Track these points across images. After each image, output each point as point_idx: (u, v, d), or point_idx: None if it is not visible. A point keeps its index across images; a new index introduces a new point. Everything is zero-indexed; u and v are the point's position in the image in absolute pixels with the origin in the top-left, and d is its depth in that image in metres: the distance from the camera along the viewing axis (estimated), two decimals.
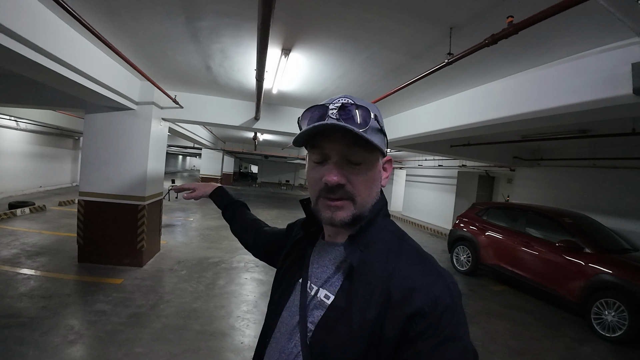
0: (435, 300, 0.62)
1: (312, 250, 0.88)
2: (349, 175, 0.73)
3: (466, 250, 6.86)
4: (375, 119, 0.73)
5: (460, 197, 11.78)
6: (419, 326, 0.61)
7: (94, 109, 5.01)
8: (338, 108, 0.71)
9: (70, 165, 14.16)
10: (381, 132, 0.77)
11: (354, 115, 0.70)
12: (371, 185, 0.76)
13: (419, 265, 0.70)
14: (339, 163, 0.73)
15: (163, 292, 4.48)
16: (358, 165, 0.73)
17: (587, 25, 2.44)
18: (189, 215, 10.55)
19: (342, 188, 0.73)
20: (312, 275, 0.82)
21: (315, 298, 0.77)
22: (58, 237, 6.51)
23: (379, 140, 0.74)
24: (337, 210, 0.74)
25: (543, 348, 4.02)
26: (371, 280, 0.69)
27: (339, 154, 0.72)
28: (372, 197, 0.78)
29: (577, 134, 5.86)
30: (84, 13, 2.73)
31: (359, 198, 0.74)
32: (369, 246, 0.74)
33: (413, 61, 3.37)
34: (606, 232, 5.78)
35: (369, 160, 0.74)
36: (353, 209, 0.74)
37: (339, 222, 0.74)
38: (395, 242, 0.75)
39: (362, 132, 0.68)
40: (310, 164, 0.79)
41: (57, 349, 3.00)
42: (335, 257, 0.80)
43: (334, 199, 0.73)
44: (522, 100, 3.40)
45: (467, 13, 2.40)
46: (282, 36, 3.08)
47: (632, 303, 4.20)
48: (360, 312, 0.66)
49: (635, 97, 2.43)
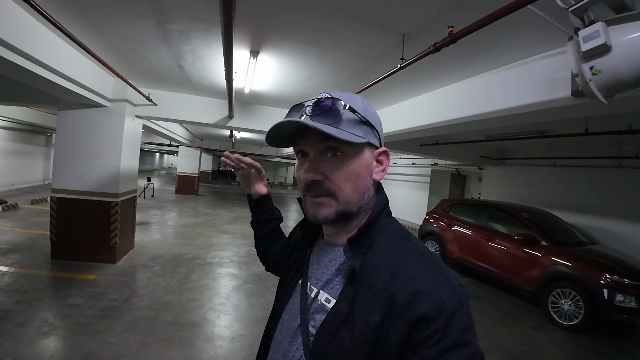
0: (441, 305, 0.60)
1: (311, 251, 0.87)
2: (326, 171, 0.71)
3: (434, 244, 7.18)
4: (350, 110, 0.71)
5: (434, 194, 12.17)
6: (424, 332, 0.59)
7: (67, 106, 5.01)
8: (313, 104, 0.70)
9: (43, 163, 13.83)
10: (364, 122, 0.73)
11: (327, 110, 0.69)
12: (355, 180, 0.72)
13: (424, 267, 0.67)
14: (314, 159, 0.72)
15: (136, 286, 4.55)
16: (335, 158, 0.71)
17: (527, 34, 2.68)
18: (165, 213, 10.52)
19: (321, 185, 0.72)
20: (311, 276, 0.81)
21: (316, 301, 0.75)
22: (31, 234, 6.46)
23: (360, 131, 0.72)
24: (319, 207, 0.73)
25: (500, 334, 4.24)
26: (374, 284, 0.66)
27: (314, 150, 0.72)
28: (359, 192, 0.74)
29: (536, 134, 6.20)
30: (58, 14, 2.83)
31: (340, 194, 0.71)
32: (372, 248, 0.72)
33: (374, 65, 3.59)
34: (564, 227, 6.11)
35: (348, 153, 0.71)
36: (336, 205, 0.72)
37: (322, 220, 0.73)
38: (399, 243, 0.73)
39: (332, 127, 0.68)
40: (297, 162, 0.79)
41: (32, 339, 3.08)
42: (335, 258, 0.78)
43: (314, 195, 0.73)
44: (472, 102, 3.68)
45: (415, 23, 2.63)
46: (249, 39, 3.24)
47: (586, 293, 4.42)
48: (364, 317, 0.64)
49: (573, 99, 2.64)
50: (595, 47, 1.85)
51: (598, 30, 1.83)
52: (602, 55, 1.87)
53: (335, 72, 3.97)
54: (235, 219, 10.55)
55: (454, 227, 6.85)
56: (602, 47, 1.83)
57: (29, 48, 3.01)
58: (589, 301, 4.39)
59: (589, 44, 1.87)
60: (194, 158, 16.60)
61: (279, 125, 0.70)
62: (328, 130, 0.66)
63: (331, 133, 0.66)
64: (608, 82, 1.91)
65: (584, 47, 1.89)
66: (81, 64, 4.08)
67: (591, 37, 1.86)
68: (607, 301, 4.22)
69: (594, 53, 1.88)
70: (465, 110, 3.79)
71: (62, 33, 2.84)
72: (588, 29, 1.88)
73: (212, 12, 2.70)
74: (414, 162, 12.26)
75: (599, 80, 1.93)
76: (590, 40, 1.86)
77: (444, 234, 6.96)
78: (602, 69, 1.90)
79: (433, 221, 7.41)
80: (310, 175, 0.72)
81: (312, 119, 0.69)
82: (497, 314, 4.91)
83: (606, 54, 1.86)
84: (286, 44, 3.30)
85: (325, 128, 0.66)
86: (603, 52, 1.86)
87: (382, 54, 3.29)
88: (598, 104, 2.04)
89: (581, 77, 2.00)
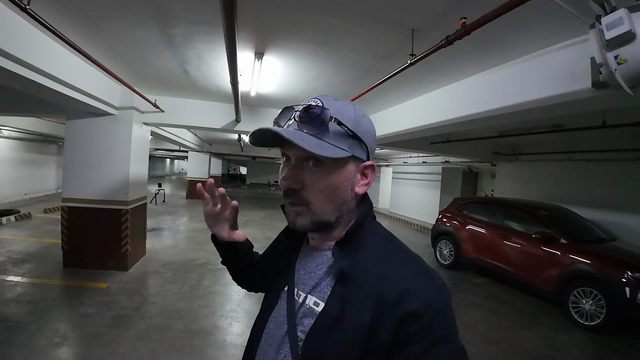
0: (427, 302, 0.62)
1: (297, 257, 0.86)
2: (305, 180, 0.71)
3: (448, 244, 7.02)
4: (336, 122, 0.69)
5: (445, 192, 11.98)
6: (411, 328, 0.60)
7: (74, 115, 5.04)
8: (302, 109, 0.70)
9: (55, 172, 14.01)
10: (350, 136, 0.71)
11: (315, 118, 0.68)
12: (332, 192, 0.72)
13: (410, 267, 0.69)
14: (295, 166, 0.72)
15: (147, 294, 4.54)
16: (316, 169, 0.71)
17: (543, 23, 2.55)
18: (176, 219, 10.57)
19: (297, 193, 0.72)
20: (298, 282, 0.80)
21: (304, 305, 0.75)
22: (43, 243, 6.51)
23: (345, 144, 0.71)
24: (297, 215, 0.73)
25: (519, 337, 4.12)
26: (363, 285, 0.67)
27: (296, 158, 0.72)
28: (334, 204, 0.73)
29: (551, 129, 6.03)
30: (59, 23, 2.81)
31: (313, 206, 0.72)
32: (359, 250, 0.72)
33: (382, 62, 3.49)
34: (582, 223, 5.93)
35: (329, 166, 0.70)
36: (310, 215, 0.72)
37: (300, 227, 0.74)
38: (385, 245, 0.74)
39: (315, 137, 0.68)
40: (282, 164, 0.78)
41: (43, 350, 3.07)
42: (322, 262, 0.78)
43: (291, 202, 0.74)
44: (486, 98, 3.55)
45: (425, 16, 2.53)
46: (253, 41, 3.18)
47: (608, 291, 4.28)
48: (354, 318, 0.64)
49: (594, 91, 2.51)
50: (620, 35, 1.75)
51: (622, 17, 1.74)
52: (628, 43, 1.78)
53: (343, 71, 3.88)
54: (246, 222, 10.54)
55: (468, 226, 6.69)
56: (626, 34, 1.74)
57: (32, 59, 2.99)
58: (611, 300, 4.26)
59: (612, 32, 1.77)
60: (203, 163, 16.70)
61: (261, 131, 0.69)
62: (306, 146, 0.65)
63: (309, 149, 0.65)
64: (634, 72, 1.81)
65: (607, 35, 1.79)
66: (87, 72, 4.07)
67: (615, 25, 1.76)
68: (630, 299, 4.08)
69: (619, 41, 1.78)
70: (479, 106, 3.66)
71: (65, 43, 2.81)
72: (611, 16, 1.78)
73: (214, 14, 2.63)
74: (425, 160, 12.09)
75: (625, 69, 1.82)
76: (613, 27, 1.77)
77: (458, 234, 6.80)
78: (628, 58, 1.79)
79: (446, 220, 7.25)
80: (288, 182, 0.72)
81: (299, 125, 0.70)
82: (515, 315, 4.79)
83: (631, 42, 1.76)
84: (291, 44, 3.22)
85: (304, 142, 0.66)
86: (628, 40, 1.76)
87: (391, 51, 3.19)
88: (623, 94, 1.93)
89: (606, 67, 1.90)
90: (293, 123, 0.71)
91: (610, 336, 4.28)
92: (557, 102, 2.93)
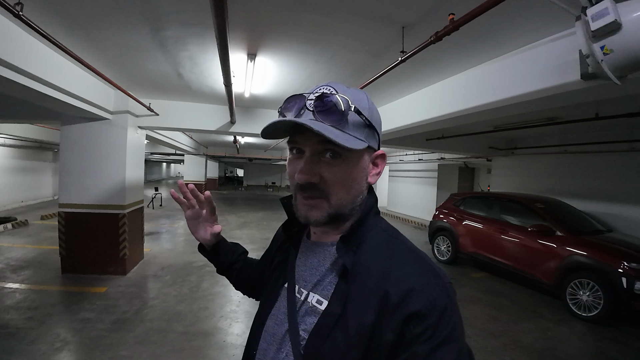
0: (433, 302, 0.60)
1: (296, 252, 0.83)
2: (323, 173, 0.68)
3: (446, 240, 7.05)
4: (356, 111, 0.67)
5: (442, 189, 12.01)
6: (416, 328, 0.59)
7: (69, 121, 5.03)
8: (315, 98, 0.66)
9: (51, 178, 13.95)
10: (367, 126, 0.70)
11: (331, 107, 0.65)
12: (350, 184, 0.70)
13: (415, 264, 0.66)
14: (311, 159, 0.68)
15: (147, 297, 4.54)
16: (334, 161, 0.68)
17: (532, 17, 2.57)
18: (174, 222, 10.55)
19: (315, 186, 0.68)
20: (299, 278, 0.77)
21: (306, 303, 0.72)
22: (41, 250, 6.49)
23: (362, 134, 0.69)
24: (311, 209, 0.70)
25: (519, 330, 4.14)
26: (366, 283, 0.65)
27: (311, 150, 0.68)
28: (352, 196, 0.71)
29: (545, 122, 6.05)
30: (52, 29, 2.80)
31: (333, 198, 0.69)
32: (361, 246, 0.70)
33: (374, 60, 3.51)
34: (578, 215, 5.97)
35: (347, 157, 0.68)
36: (328, 208, 0.69)
37: (314, 222, 0.70)
38: (388, 241, 0.71)
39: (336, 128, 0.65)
40: (290, 156, 0.75)
41: (44, 356, 3.07)
42: (324, 258, 0.75)
43: (307, 197, 0.70)
44: (479, 92, 3.57)
45: (414, 12, 2.55)
46: (245, 42, 3.19)
47: (606, 282, 4.30)
48: (357, 317, 0.63)
49: (583, 83, 2.54)
50: (606, 26, 1.77)
51: (607, 7, 1.75)
52: (613, 33, 1.79)
53: (336, 70, 3.90)
54: (244, 224, 10.53)
55: (465, 221, 6.72)
56: (612, 25, 1.75)
57: (25, 65, 3.00)
58: (608, 291, 4.28)
59: (598, 23, 1.79)
60: (200, 165, 16.71)
61: (280, 122, 0.67)
62: (334, 138, 0.62)
63: (338, 141, 0.62)
64: (621, 62, 1.82)
65: (593, 26, 1.80)
66: (80, 77, 4.07)
67: (600, 15, 1.78)
68: (627, 290, 4.10)
69: (605, 32, 1.80)
70: (473, 100, 3.68)
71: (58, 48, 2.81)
72: (596, 7, 1.80)
73: (205, 15, 2.63)
74: (420, 157, 12.12)
75: (611, 60, 1.84)
76: (599, 18, 1.78)
77: (456, 229, 6.82)
78: (614, 48, 1.81)
79: (443, 216, 7.27)
80: (306, 177, 0.68)
81: (315, 115, 0.66)
82: (515, 308, 4.81)
83: (617, 32, 1.78)
84: (283, 43, 3.24)
85: (331, 134, 0.62)
86: (614, 30, 1.78)
87: (382, 48, 3.20)
88: (611, 85, 1.95)
89: (592, 58, 1.92)
90: (307, 113, 0.67)
91: (609, 326, 4.29)
92: (549, 95, 2.96)
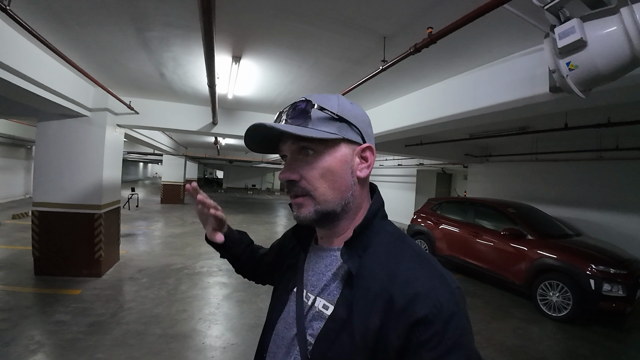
0: (440, 308, 0.59)
1: (305, 257, 0.85)
2: (301, 170, 0.72)
3: (423, 243, 7.22)
4: (319, 108, 0.72)
5: (420, 194, 12.29)
6: (423, 335, 0.58)
7: (46, 117, 4.89)
8: (289, 108, 0.73)
9: (24, 177, 13.46)
10: (336, 119, 0.73)
11: (300, 111, 0.71)
12: (331, 177, 0.72)
13: (422, 268, 0.66)
14: (290, 160, 0.74)
15: (123, 300, 4.45)
16: (308, 157, 0.72)
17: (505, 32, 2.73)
18: (150, 224, 10.33)
19: (297, 184, 0.72)
20: (307, 283, 0.79)
21: (313, 308, 0.73)
22: (13, 250, 6.26)
23: (332, 128, 0.72)
24: (299, 207, 0.73)
25: (493, 329, 4.29)
26: (372, 287, 0.65)
27: (290, 152, 0.74)
28: (337, 190, 0.73)
29: (518, 131, 6.32)
30: (36, 24, 2.75)
31: (316, 192, 0.71)
32: (367, 250, 0.70)
33: (356, 67, 3.60)
34: (548, 220, 6.22)
35: (321, 151, 0.71)
36: (313, 204, 0.72)
37: (304, 220, 0.73)
38: (395, 245, 0.71)
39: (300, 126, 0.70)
40: None
41: (20, 358, 3.00)
42: (330, 263, 0.76)
43: (292, 196, 0.74)
44: (456, 101, 3.73)
45: (394, 24, 2.65)
46: (231, 45, 3.22)
47: (574, 283, 4.49)
48: (363, 322, 0.63)
49: (551, 95, 2.71)
50: (571, 43, 1.87)
51: (574, 26, 1.87)
52: (578, 50, 1.90)
53: (318, 76, 3.97)
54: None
55: (441, 225, 6.91)
56: (578, 42, 1.86)
57: (6, 58, 2.93)
58: (577, 292, 4.45)
59: (564, 40, 1.90)
60: (179, 167, 16.39)
61: (250, 130, 0.72)
62: (292, 131, 0.68)
63: (292, 131, 0.68)
64: (585, 77, 1.94)
65: (560, 44, 1.92)
66: (60, 73, 3.99)
67: (567, 34, 1.89)
68: (595, 291, 4.29)
69: (570, 49, 1.91)
70: (449, 109, 3.83)
71: (40, 42, 2.75)
72: (564, 26, 1.91)
73: (191, 18, 2.67)
74: (400, 162, 12.35)
75: (576, 75, 1.96)
76: (566, 36, 1.89)
77: (433, 233, 7.02)
78: (579, 64, 1.93)
79: (421, 220, 7.46)
80: (286, 175, 0.73)
81: (287, 121, 0.72)
82: (488, 309, 4.97)
83: (582, 49, 1.89)
84: (268, 48, 3.29)
85: (289, 129, 0.68)
86: (579, 47, 1.89)
87: (363, 56, 3.30)
88: (576, 98, 2.08)
89: (558, 73, 2.04)
90: (283, 120, 0.73)
91: (579, 326, 4.48)
92: (520, 105, 3.14)
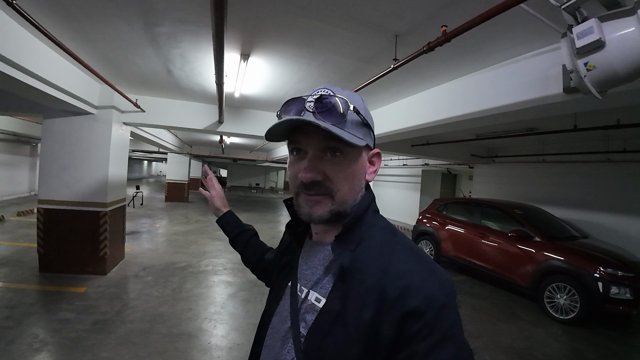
0: (430, 299, 0.60)
1: (300, 252, 0.86)
2: (326, 171, 0.70)
3: (428, 244, 7.19)
4: (355, 111, 0.70)
5: (425, 194, 12.24)
6: (414, 326, 0.58)
7: (52, 114, 4.89)
8: (315, 100, 0.68)
9: (28, 174, 13.51)
10: (364, 125, 0.73)
11: (331, 108, 0.68)
12: (352, 181, 0.72)
13: (413, 262, 0.66)
14: (314, 158, 0.70)
15: (128, 298, 4.44)
16: (336, 159, 0.70)
17: (518, 32, 2.70)
18: (155, 222, 10.35)
19: (319, 184, 0.70)
20: (301, 277, 0.79)
21: (306, 301, 0.74)
22: (18, 247, 6.27)
23: (361, 133, 0.72)
24: (314, 205, 0.71)
25: (499, 330, 4.26)
26: (364, 280, 0.65)
27: (314, 149, 0.70)
28: (354, 192, 0.73)
29: (525, 132, 6.26)
30: (41, 18, 2.74)
31: (338, 194, 0.71)
32: (361, 244, 0.71)
33: (366, 66, 3.57)
34: (555, 222, 6.18)
35: (348, 154, 0.71)
36: (331, 204, 0.71)
37: (317, 218, 0.72)
38: (387, 238, 0.72)
39: (337, 127, 0.67)
40: (290, 158, 0.76)
41: (23, 356, 2.98)
42: (324, 257, 0.77)
43: (311, 194, 0.71)
44: (465, 101, 3.69)
45: (408, 23, 2.62)
46: (240, 42, 3.19)
47: (581, 286, 4.46)
48: (356, 314, 0.63)
49: (565, 95, 2.68)
50: (590, 43, 1.85)
51: (592, 26, 1.84)
52: (597, 51, 1.88)
53: (327, 74, 3.94)
54: None
55: (447, 226, 6.87)
56: (596, 42, 1.84)
57: (11, 54, 2.90)
58: (584, 294, 4.43)
59: (583, 40, 1.87)
60: (183, 165, 16.43)
61: (285, 122, 0.68)
62: (339, 133, 0.65)
63: (342, 136, 0.66)
64: (603, 78, 1.92)
65: (578, 44, 1.89)
66: (66, 70, 3.98)
67: (585, 34, 1.87)
68: (602, 294, 4.27)
69: (589, 49, 1.89)
70: (458, 109, 3.80)
71: (46, 38, 2.75)
72: (582, 26, 1.89)
73: (201, 14, 2.64)
74: (405, 162, 12.31)
75: (594, 75, 1.93)
76: (584, 36, 1.87)
77: (438, 233, 6.98)
78: (597, 65, 1.90)
79: (426, 221, 7.42)
80: (311, 175, 0.70)
81: (316, 116, 0.67)
82: (494, 310, 4.94)
83: (600, 50, 1.87)
84: (278, 46, 3.26)
85: (337, 131, 0.65)
86: (597, 47, 1.86)
87: (374, 55, 3.27)
88: (592, 99, 2.05)
89: (576, 73, 2.01)
90: (307, 114, 0.68)
91: (585, 328, 4.45)
92: (530, 106, 3.11)
